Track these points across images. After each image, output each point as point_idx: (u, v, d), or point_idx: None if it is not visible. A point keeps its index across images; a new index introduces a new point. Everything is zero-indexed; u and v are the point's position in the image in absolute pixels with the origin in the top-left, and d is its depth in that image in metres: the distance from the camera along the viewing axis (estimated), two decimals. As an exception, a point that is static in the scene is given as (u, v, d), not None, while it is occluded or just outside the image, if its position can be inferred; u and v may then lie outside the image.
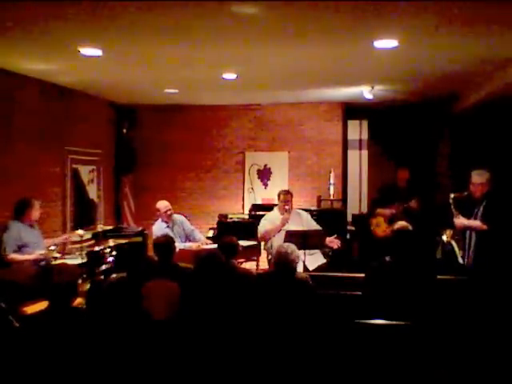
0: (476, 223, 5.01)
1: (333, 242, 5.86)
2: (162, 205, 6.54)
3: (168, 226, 6.48)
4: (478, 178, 5.08)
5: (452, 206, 5.25)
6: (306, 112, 9.03)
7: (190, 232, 6.68)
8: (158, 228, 6.43)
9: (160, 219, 6.54)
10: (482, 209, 5.00)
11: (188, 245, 6.45)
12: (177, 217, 6.66)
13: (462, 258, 5.20)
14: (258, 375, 3.14)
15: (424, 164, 8.83)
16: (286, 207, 5.95)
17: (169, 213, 6.50)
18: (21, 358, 2.84)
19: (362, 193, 9.17)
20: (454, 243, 5.28)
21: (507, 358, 3.47)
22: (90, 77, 6.73)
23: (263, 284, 4.13)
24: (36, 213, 5.65)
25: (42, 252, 5.49)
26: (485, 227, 4.90)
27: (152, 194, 9.15)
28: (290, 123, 9.07)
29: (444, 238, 5.38)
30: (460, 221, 5.15)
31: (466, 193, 5.21)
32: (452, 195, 5.31)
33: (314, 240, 5.58)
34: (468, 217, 5.12)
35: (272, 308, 3.65)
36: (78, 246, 6.02)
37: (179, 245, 6.21)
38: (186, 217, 6.93)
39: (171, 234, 6.20)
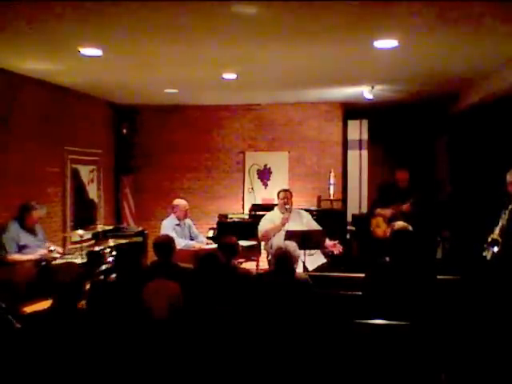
0: None
1: (334, 246, 5.85)
2: (182, 203, 6.74)
3: (178, 225, 6.62)
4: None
5: (506, 218, 4.84)
6: (306, 112, 9.03)
7: (195, 236, 6.84)
8: (169, 224, 6.59)
9: (172, 215, 6.67)
10: None
11: (191, 243, 6.52)
12: (186, 219, 6.82)
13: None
14: (259, 375, 3.14)
15: (424, 164, 8.84)
16: (287, 206, 5.95)
17: (187, 212, 6.73)
18: (21, 358, 2.84)
19: (362, 193, 9.17)
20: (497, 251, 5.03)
21: (507, 359, 3.47)
22: (90, 77, 6.73)
23: (263, 284, 4.13)
24: (34, 218, 5.62)
25: (42, 252, 5.49)
26: None
27: (152, 194, 9.18)
28: (290, 123, 9.07)
29: (496, 249, 4.82)
30: None
31: None
32: (510, 207, 4.85)
33: (314, 240, 5.57)
34: None
35: (272, 308, 3.65)
36: (77, 245, 6.02)
37: (181, 241, 6.28)
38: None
39: (179, 232, 6.44)
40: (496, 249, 4.88)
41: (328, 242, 5.83)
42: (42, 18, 4.20)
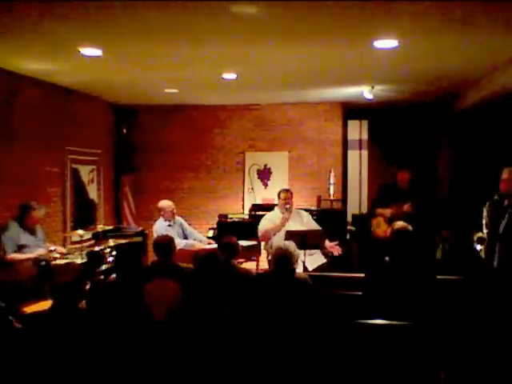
0: None
1: (334, 248, 5.85)
2: (167, 204, 6.65)
3: (170, 225, 6.56)
4: (508, 174, 4.88)
5: (486, 213, 4.93)
6: (306, 112, 9.03)
7: (189, 233, 6.77)
8: (160, 226, 6.51)
9: (162, 218, 6.59)
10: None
11: (190, 243, 6.50)
12: (177, 217, 6.75)
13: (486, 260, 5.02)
14: (258, 375, 3.14)
15: (424, 164, 8.83)
16: (287, 206, 5.95)
17: (174, 211, 6.62)
18: (21, 358, 2.84)
19: (362, 193, 9.16)
20: (482, 249, 5.05)
21: (508, 359, 3.47)
22: (90, 77, 6.73)
23: (263, 284, 4.13)
24: (34, 218, 5.62)
25: (42, 252, 5.49)
26: None
27: (152, 194, 9.16)
28: (290, 123, 9.07)
29: (478, 247, 4.95)
30: None
31: (496, 196, 4.95)
32: (488, 203, 4.96)
33: (313, 240, 5.58)
34: (500, 220, 4.83)
35: (272, 308, 3.65)
36: (77, 245, 6.02)
37: (181, 242, 6.26)
38: (184, 217, 6.99)
39: (173, 233, 6.29)
40: (479, 247, 4.96)
41: (328, 243, 5.83)
42: (41, 17, 4.20)
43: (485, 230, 4.96)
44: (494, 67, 5.96)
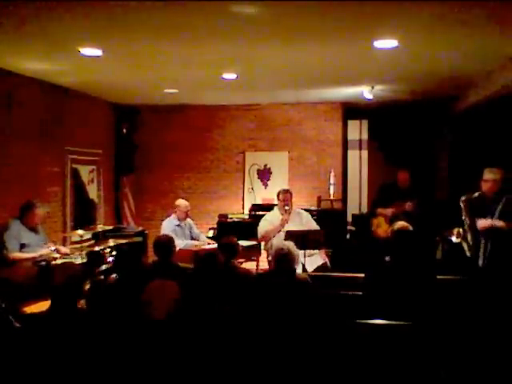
0: (501, 223, 4.77)
1: (323, 254, 5.98)
2: (184, 203, 6.77)
3: (179, 225, 6.63)
4: (490, 174, 4.96)
5: (463, 208, 5.04)
6: (306, 112, 9.03)
7: (196, 236, 6.86)
8: (168, 225, 6.60)
9: (173, 215, 6.69)
10: (500, 208, 4.82)
11: (190, 243, 6.52)
12: (188, 219, 6.85)
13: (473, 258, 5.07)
14: (258, 375, 3.13)
15: (424, 164, 8.83)
16: (286, 207, 5.95)
17: (188, 213, 6.75)
18: (21, 358, 2.84)
19: (362, 193, 9.17)
20: (464, 244, 5.11)
21: (507, 359, 3.47)
22: (90, 77, 6.73)
23: (263, 284, 4.13)
24: (37, 216, 5.63)
25: (44, 252, 5.49)
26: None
27: (152, 194, 9.19)
28: (290, 123, 9.08)
29: (454, 239, 5.10)
30: (485, 222, 4.85)
31: (476, 193, 5.02)
32: (463, 197, 5.09)
33: (313, 240, 5.59)
34: (481, 218, 4.92)
35: (272, 308, 3.65)
36: (78, 245, 6.02)
37: (181, 242, 6.28)
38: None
39: (179, 233, 6.38)
40: (454, 239, 5.05)
41: (322, 254, 5.92)
42: (42, 17, 4.20)
43: (466, 227, 5.04)
44: (494, 68, 5.96)
